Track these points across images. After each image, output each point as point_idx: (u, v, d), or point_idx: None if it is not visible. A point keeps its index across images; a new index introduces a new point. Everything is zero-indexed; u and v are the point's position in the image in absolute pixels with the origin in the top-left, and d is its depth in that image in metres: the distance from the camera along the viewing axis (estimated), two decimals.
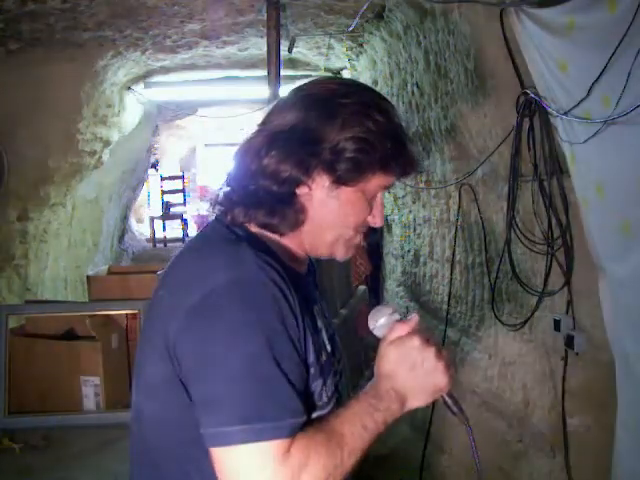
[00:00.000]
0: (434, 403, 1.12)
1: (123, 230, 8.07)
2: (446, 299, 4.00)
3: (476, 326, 3.66)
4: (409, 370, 1.07)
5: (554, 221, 2.58)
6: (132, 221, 9.68)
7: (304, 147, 1.05)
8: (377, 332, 1.14)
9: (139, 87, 5.43)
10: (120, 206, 7.41)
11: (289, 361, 0.97)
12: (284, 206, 1.07)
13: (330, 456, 0.95)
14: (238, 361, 0.94)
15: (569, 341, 2.53)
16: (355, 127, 1.06)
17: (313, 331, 1.08)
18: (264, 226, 1.09)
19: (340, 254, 1.16)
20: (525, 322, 2.95)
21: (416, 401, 1.07)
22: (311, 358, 1.05)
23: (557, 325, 2.61)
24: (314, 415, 1.05)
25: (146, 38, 4.11)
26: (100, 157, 5.25)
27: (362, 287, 5.28)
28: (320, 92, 1.11)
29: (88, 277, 3.09)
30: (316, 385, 1.06)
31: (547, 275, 2.68)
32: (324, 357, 1.10)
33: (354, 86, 1.14)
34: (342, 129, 1.05)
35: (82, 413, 2.57)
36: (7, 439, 2.37)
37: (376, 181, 1.11)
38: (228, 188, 1.13)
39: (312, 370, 1.05)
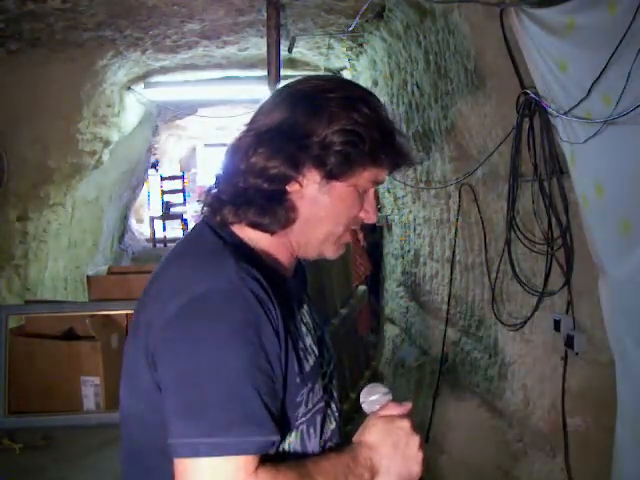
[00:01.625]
0: (434, 403, 1.13)
1: (123, 230, 8.07)
2: (446, 299, 4.00)
3: (476, 326, 3.66)
4: (391, 448, 1.06)
5: (554, 221, 2.58)
6: (132, 221, 9.68)
7: (292, 142, 1.04)
8: (365, 406, 1.14)
9: (139, 87, 5.43)
10: (120, 206, 7.40)
11: (262, 376, 0.94)
12: (275, 204, 1.05)
13: None
14: (209, 374, 0.92)
15: (569, 341, 2.53)
16: (342, 120, 1.04)
17: (297, 337, 1.06)
18: (254, 225, 1.07)
19: (330, 253, 1.14)
20: (525, 322, 2.95)
21: (385, 478, 1.06)
22: (295, 368, 1.03)
23: (557, 325, 2.61)
24: (301, 420, 1.04)
25: (146, 38, 4.11)
26: (100, 157, 5.25)
27: (362, 287, 5.29)
28: (305, 88, 1.09)
29: (88, 277, 3.10)
30: (302, 394, 1.04)
31: (547, 275, 2.68)
32: (310, 362, 1.08)
33: (339, 81, 1.14)
34: (329, 123, 1.04)
35: (82, 413, 2.58)
36: (7, 439, 2.37)
37: (367, 175, 1.09)
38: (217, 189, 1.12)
39: (297, 379, 1.03)
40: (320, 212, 1.08)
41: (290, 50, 4.50)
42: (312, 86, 1.10)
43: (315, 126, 1.04)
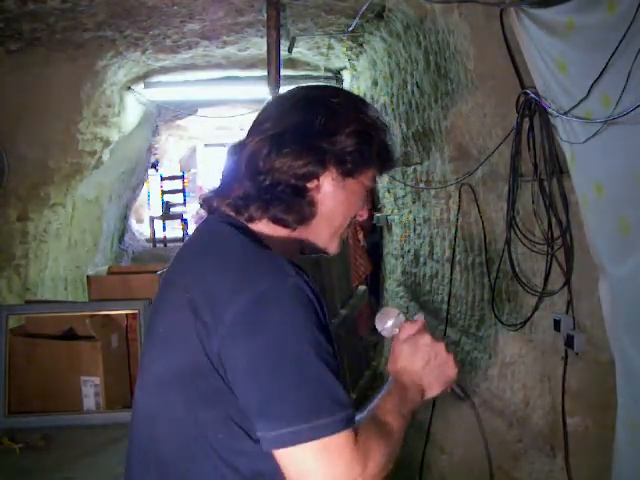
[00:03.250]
0: (434, 403, 1.21)
1: (123, 230, 8.07)
2: (446, 299, 4.00)
3: (476, 326, 3.66)
4: (424, 365, 1.18)
5: (554, 221, 2.58)
6: (132, 221, 9.68)
7: (317, 143, 1.13)
8: (385, 333, 1.24)
9: (139, 87, 5.43)
10: (120, 206, 7.41)
11: (333, 359, 1.02)
12: (300, 200, 1.14)
13: (386, 444, 1.04)
14: (290, 363, 0.98)
15: (569, 341, 2.53)
16: (354, 122, 1.15)
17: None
18: (278, 220, 1.14)
19: (334, 248, 1.23)
20: (525, 322, 2.95)
21: (432, 391, 1.20)
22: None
23: (557, 325, 2.61)
24: None
25: (146, 38, 4.11)
26: (100, 157, 5.25)
27: (362, 287, 5.29)
28: (311, 95, 1.21)
29: (88, 277, 3.09)
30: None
31: (547, 275, 2.68)
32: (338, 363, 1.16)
33: (335, 88, 1.27)
34: (344, 124, 1.14)
35: (82, 413, 2.58)
36: (7, 439, 2.37)
37: (371, 174, 1.21)
38: (232, 188, 1.16)
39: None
40: (334, 207, 1.17)
41: (290, 50, 4.50)
42: (319, 92, 1.22)
43: (334, 128, 1.14)
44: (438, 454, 3.73)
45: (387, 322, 1.23)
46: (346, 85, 5.48)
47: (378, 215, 5.64)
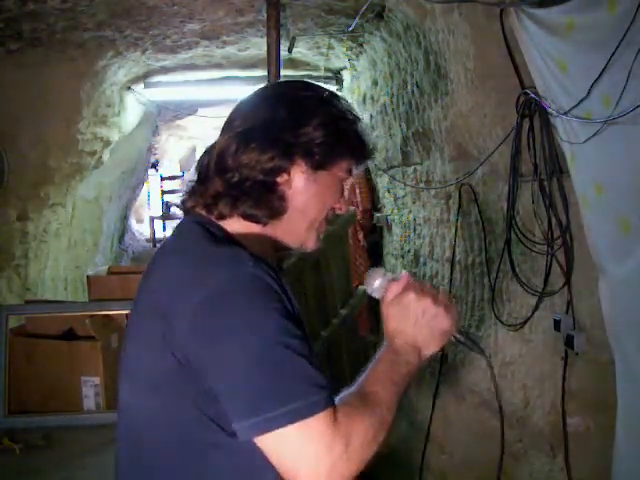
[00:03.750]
0: (434, 403, 1.17)
1: (123, 230, 8.07)
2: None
3: (476, 326, 3.66)
4: (413, 324, 1.14)
5: (554, 221, 2.58)
6: (132, 221, 9.67)
7: (282, 136, 1.13)
8: (375, 294, 1.21)
9: (139, 87, 5.43)
10: (120, 206, 7.40)
11: (302, 341, 1.01)
12: (269, 195, 1.13)
13: (372, 415, 1.01)
14: (258, 349, 0.97)
15: (569, 341, 2.53)
16: (322, 115, 1.15)
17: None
18: (248, 216, 1.14)
19: (312, 243, 1.22)
20: (525, 322, 2.95)
21: (429, 349, 1.16)
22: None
23: (557, 325, 2.61)
24: None
25: (146, 38, 4.11)
26: (100, 157, 5.25)
27: (362, 287, 5.28)
28: (279, 90, 1.24)
29: (88, 277, 3.09)
30: None
31: (547, 275, 2.68)
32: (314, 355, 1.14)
33: (304, 83, 1.26)
34: (312, 117, 1.14)
35: (82, 413, 2.57)
36: (7, 439, 2.37)
37: (345, 165, 1.20)
38: (205, 187, 1.17)
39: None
40: (307, 200, 1.17)
41: (290, 50, 4.50)
42: (287, 87, 1.24)
43: (300, 121, 1.14)
44: (438, 454, 3.74)
45: (374, 283, 1.20)
46: (346, 85, 5.48)
47: (378, 215, 5.64)
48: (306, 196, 1.16)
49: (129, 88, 5.30)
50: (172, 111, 7.43)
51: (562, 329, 2.58)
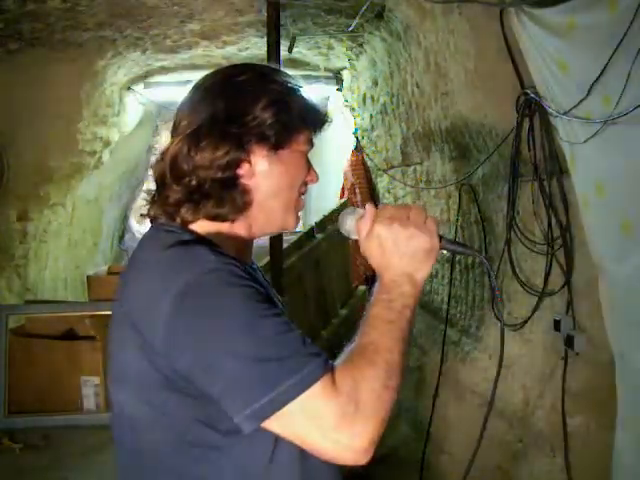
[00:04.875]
0: (434, 403, 1.14)
1: (123, 230, 8.07)
2: (446, 299, 4.00)
3: (476, 326, 3.66)
4: (392, 253, 1.09)
5: (554, 221, 2.58)
6: (132, 221, 9.67)
7: (231, 127, 1.09)
8: (352, 236, 1.17)
9: (139, 87, 5.43)
10: (120, 206, 7.40)
11: (280, 317, 1.00)
12: (231, 191, 1.10)
13: (373, 364, 0.98)
14: (235, 339, 0.96)
15: (569, 341, 2.53)
16: (265, 94, 1.11)
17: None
18: (214, 217, 1.11)
19: (292, 222, 1.19)
20: (525, 322, 2.95)
21: (420, 272, 1.09)
22: None
23: (557, 325, 2.61)
24: None
25: (146, 38, 4.11)
26: (100, 157, 5.25)
27: (362, 287, 5.28)
28: (216, 81, 1.17)
29: (88, 277, 3.10)
30: None
31: (547, 275, 2.68)
32: None
33: (239, 66, 1.21)
34: (255, 100, 1.10)
35: (82, 413, 2.58)
36: (7, 439, 2.37)
37: (303, 138, 1.16)
38: (164, 194, 1.13)
39: None
40: (276, 183, 1.14)
41: (290, 50, 4.50)
42: (222, 76, 1.18)
43: (244, 107, 1.10)
44: (438, 454, 3.74)
45: (345, 224, 1.16)
46: (346, 85, 5.48)
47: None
48: (273, 179, 1.13)
49: (129, 88, 5.30)
50: (172, 111, 7.40)
51: (562, 329, 2.58)
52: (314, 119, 1.19)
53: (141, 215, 1.20)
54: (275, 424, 0.95)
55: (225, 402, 0.96)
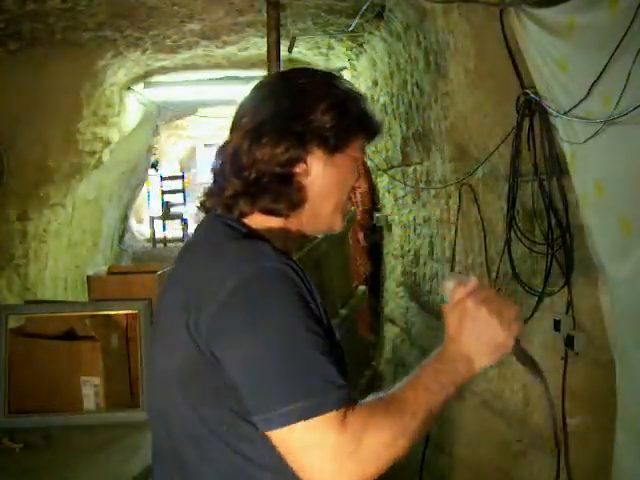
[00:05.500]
0: None
1: (123, 230, 8.07)
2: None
3: None
4: (466, 332, 1.09)
5: (554, 221, 2.58)
6: (132, 221, 9.67)
7: (293, 126, 1.13)
8: (445, 295, 1.18)
9: (139, 87, 5.43)
10: (120, 206, 7.40)
11: (322, 339, 1.01)
12: (287, 187, 1.14)
13: (392, 418, 0.98)
14: (275, 344, 0.98)
15: (569, 341, 2.53)
16: (326, 97, 1.16)
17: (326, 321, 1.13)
18: (269, 211, 1.15)
19: (338, 224, 1.23)
20: (525, 322, 2.95)
21: (482, 361, 1.10)
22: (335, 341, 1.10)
23: (557, 325, 2.61)
24: None
25: (146, 38, 4.11)
26: (100, 157, 5.25)
27: (362, 287, 5.28)
28: (280, 81, 1.24)
29: (88, 277, 3.09)
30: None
31: (547, 275, 2.68)
32: (338, 348, 1.14)
33: (301, 70, 1.28)
34: (317, 102, 1.15)
35: (82, 413, 2.57)
36: (7, 439, 2.37)
37: (357, 144, 1.20)
38: (222, 187, 1.18)
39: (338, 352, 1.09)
40: (328, 184, 1.17)
41: (290, 50, 4.50)
42: (286, 77, 1.25)
43: (306, 108, 1.15)
44: (438, 454, 3.73)
45: (449, 283, 1.17)
46: None
47: (378, 215, 5.64)
48: (326, 181, 1.17)
49: (129, 88, 5.30)
50: (172, 111, 7.44)
51: (562, 329, 2.58)
52: (370, 127, 1.23)
53: (197, 207, 1.24)
54: (275, 438, 0.97)
55: (245, 400, 0.99)
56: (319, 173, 1.16)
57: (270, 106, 1.17)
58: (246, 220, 1.16)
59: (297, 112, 1.14)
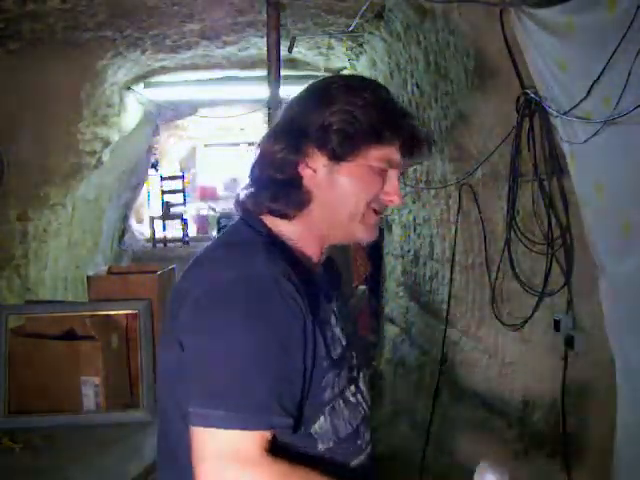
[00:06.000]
0: (434, 401, 1.13)
1: (123, 230, 8.07)
2: (446, 299, 4.00)
3: (476, 326, 3.66)
4: None
5: (554, 221, 2.58)
6: (132, 221, 9.67)
7: (293, 128, 1.12)
8: None
9: (139, 87, 5.43)
10: (120, 206, 7.40)
11: (274, 360, 0.99)
12: (287, 188, 1.12)
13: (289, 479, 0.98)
14: (220, 356, 0.98)
15: (569, 341, 2.53)
16: (339, 103, 1.10)
17: (326, 326, 1.11)
18: (271, 211, 1.13)
19: (361, 235, 1.16)
20: (525, 322, 2.95)
21: None
22: (322, 352, 1.07)
23: (557, 325, 2.61)
24: (329, 404, 1.08)
25: (146, 38, 4.11)
26: (100, 157, 5.25)
27: (362, 287, 5.28)
28: (315, 85, 1.19)
29: (88, 277, 3.09)
30: (329, 378, 1.08)
31: (547, 275, 2.68)
32: (338, 351, 1.13)
33: (339, 75, 1.24)
34: (328, 106, 1.10)
35: (82, 413, 2.57)
36: (7, 439, 2.37)
37: (377, 154, 1.11)
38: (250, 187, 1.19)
39: (324, 363, 1.07)
40: (336, 193, 1.12)
41: (290, 50, 4.50)
42: (317, 82, 1.19)
43: (317, 113, 1.10)
44: (438, 454, 3.74)
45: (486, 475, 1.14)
46: None
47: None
48: (335, 189, 1.11)
49: (129, 88, 5.30)
50: (172, 111, 7.43)
51: (562, 329, 2.58)
52: (394, 136, 1.12)
53: (234, 205, 1.24)
54: (195, 433, 0.97)
55: (191, 391, 1.00)
56: (326, 179, 1.11)
57: (294, 109, 1.15)
58: (266, 220, 1.14)
59: (301, 115, 1.12)
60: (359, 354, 1.25)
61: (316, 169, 1.11)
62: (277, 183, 1.12)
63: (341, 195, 1.12)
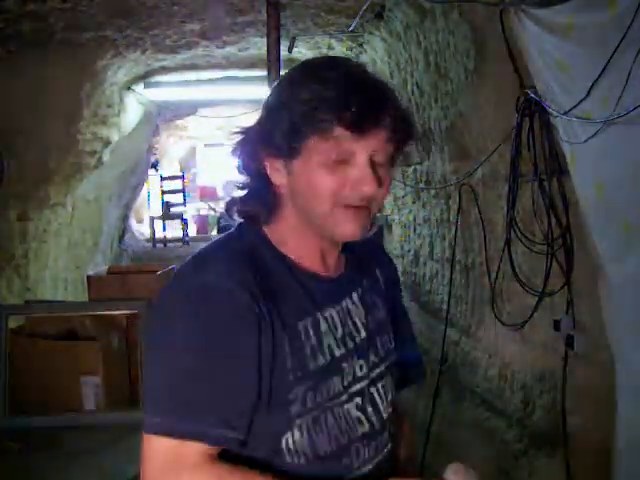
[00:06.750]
0: (434, 401, 1.12)
1: (123, 230, 8.07)
2: (446, 299, 4.00)
3: (476, 326, 3.66)
4: None
5: (554, 221, 2.58)
6: (132, 221, 9.67)
7: (253, 133, 1.09)
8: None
9: (139, 87, 5.43)
10: (120, 206, 7.40)
11: (228, 373, 0.98)
12: (256, 193, 1.10)
13: None
14: (159, 365, 1.01)
15: (569, 341, 2.53)
16: (276, 100, 1.06)
17: (302, 336, 1.05)
18: (244, 216, 1.12)
19: (339, 232, 1.07)
20: (525, 322, 2.95)
21: None
22: (287, 364, 1.02)
23: (557, 325, 2.61)
24: (299, 418, 1.03)
25: (146, 38, 4.11)
26: (100, 157, 5.25)
27: None
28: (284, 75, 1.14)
29: (88, 277, 3.09)
30: (296, 392, 1.02)
31: (547, 275, 2.68)
32: (320, 361, 1.06)
33: (294, 68, 1.10)
34: (267, 107, 1.08)
35: (82, 413, 2.57)
36: (7, 439, 2.37)
37: (324, 146, 0.99)
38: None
39: (290, 377, 1.02)
40: (300, 193, 1.05)
41: (290, 50, 4.50)
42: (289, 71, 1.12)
43: (264, 110, 1.08)
44: (438, 454, 3.74)
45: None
46: None
47: (378, 215, 5.63)
48: (297, 189, 1.05)
49: (129, 88, 5.31)
50: (172, 111, 7.44)
51: (562, 329, 2.58)
52: (337, 122, 0.97)
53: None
54: (146, 441, 0.99)
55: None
56: (288, 179, 1.05)
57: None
58: (265, 228, 1.11)
59: (261, 115, 1.09)
60: (381, 359, 1.18)
61: (278, 169, 1.06)
62: (247, 186, 1.12)
63: (304, 194, 1.04)
